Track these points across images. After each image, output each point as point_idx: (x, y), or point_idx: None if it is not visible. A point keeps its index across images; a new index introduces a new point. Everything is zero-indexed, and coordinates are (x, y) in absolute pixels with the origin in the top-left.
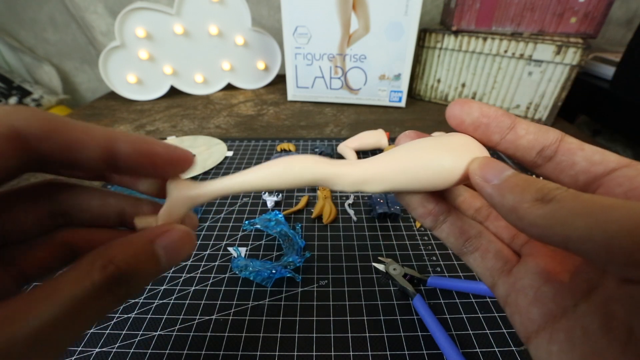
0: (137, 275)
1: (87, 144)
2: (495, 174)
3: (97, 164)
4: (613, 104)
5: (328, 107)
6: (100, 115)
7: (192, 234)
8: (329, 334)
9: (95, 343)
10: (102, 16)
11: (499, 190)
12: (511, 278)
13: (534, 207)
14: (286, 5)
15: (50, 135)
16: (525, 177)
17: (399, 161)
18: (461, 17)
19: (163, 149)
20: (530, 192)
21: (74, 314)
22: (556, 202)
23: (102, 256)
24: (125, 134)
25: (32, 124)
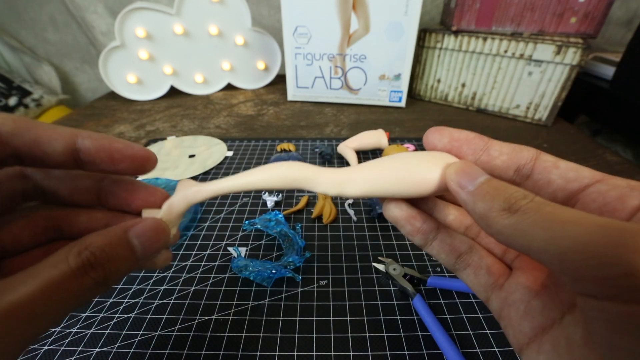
0: (111, 261)
1: (53, 138)
2: (470, 179)
3: (62, 157)
4: (613, 104)
5: (328, 107)
6: (100, 115)
7: (163, 224)
8: (329, 334)
9: (95, 343)
10: (102, 16)
11: (472, 197)
12: (503, 292)
13: (501, 217)
14: (286, 5)
15: (21, 131)
16: (497, 184)
17: (381, 166)
18: (461, 17)
19: (122, 145)
20: (498, 201)
21: (51, 292)
22: (521, 214)
23: (79, 244)
24: (89, 132)
25: (4, 123)
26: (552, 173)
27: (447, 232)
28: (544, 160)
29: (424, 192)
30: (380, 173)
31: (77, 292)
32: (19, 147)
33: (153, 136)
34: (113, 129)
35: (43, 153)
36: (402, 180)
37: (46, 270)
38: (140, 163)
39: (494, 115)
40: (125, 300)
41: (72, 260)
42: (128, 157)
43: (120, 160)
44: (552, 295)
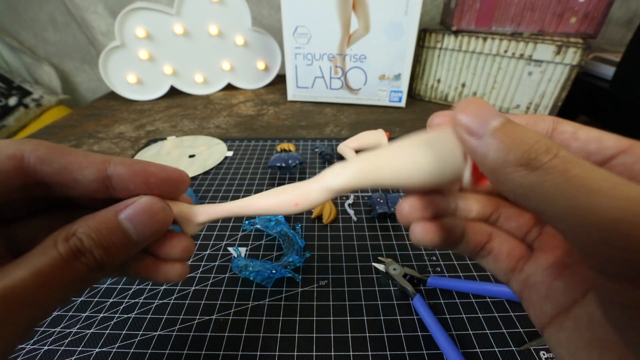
0: (101, 246)
1: (83, 166)
2: (481, 123)
3: (93, 185)
4: (613, 104)
5: (328, 107)
6: (100, 115)
7: (159, 204)
8: (329, 334)
9: (95, 343)
10: (102, 16)
11: (481, 147)
12: (523, 275)
13: (517, 174)
14: (286, 5)
15: (52, 158)
16: (515, 130)
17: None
18: (461, 17)
19: (157, 169)
20: (515, 153)
21: (43, 278)
22: (542, 173)
23: (66, 229)
24: (121, 158)
25: (36, 149)
26: (571, 146)
27: (469, 228)
28: (561, 131)
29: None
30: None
31: (71, 278)
32: (49, 175)
33: (153, 136)
34: (113, 129)
35: (73, 181)
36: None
37: (36, 257)
38: (174, 185)
39: None
40: (125, 300)
41: (61, 247)
42: (164, 180)
43: (156, 184)
44: (573, 275)
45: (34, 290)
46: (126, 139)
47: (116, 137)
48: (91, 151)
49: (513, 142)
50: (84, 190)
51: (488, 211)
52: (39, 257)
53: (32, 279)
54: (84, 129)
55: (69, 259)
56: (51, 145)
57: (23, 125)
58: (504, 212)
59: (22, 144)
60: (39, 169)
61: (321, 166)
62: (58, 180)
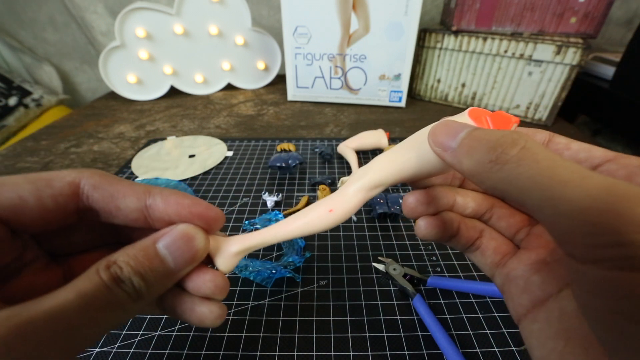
0: (139, 274)
1: (127, 194)
2: (451, 137)
3: (134, 213)
4: (613, 104)
5: (328, 107)
6: (100, 115)
7: (193, 231)
8: (329, 334)
9: (95, 343)
10: (102, 16)
11: (456, 157)
12: (506, 269)
13: (492, 171)
14: (286, 5)
15: (102, 185)
16: (480, 134)
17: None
18: (461, 17)
19: (190, 201)
20: (482, 152)
21: (86, 303)
22: (513, 166)
23: (108, 257)
24: (160, 188)
25: (92, 177)
26: (564, 155)
27: (463, 223)
28: (556, 142)
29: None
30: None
31: (112, 305)
32: (97, 201)
33: (153, 136)
34: (113, 129)
35: (116, 208)
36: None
37: (80, 282)
38: (207, 222)
39: None
40: None
41: (103, 274)
42: (196, 215)
43: (187, 217)
44: (551, 271)
45: (78, 313)
46: (126, 139)
47: (116, 137)
48: (91, 151)
49: (479, 143)
50: (125, 217)
51: (482, 209)
52: (83, 282)
53: (77, 301)
54: (84, 129)
55: (110, 286)
56: (104, 173)
57: (23, 125)
58: (497, 212)
59: (80, 173)
60: (91, 194)
61: (321, 166)
62: (104, 206)
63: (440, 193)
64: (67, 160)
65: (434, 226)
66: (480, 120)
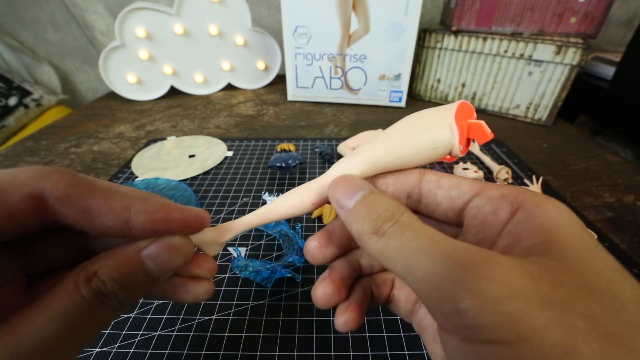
0: (125, 288)
1: (103, 212)
2: (348, 197)
3: (111, 231)
4: (613, 104)
5: (328, 107)
6: (100, 115)
7: (181, 241)
8: (329, 334)
9: (95, 343)
10: (102, 16)
11: (347, 219)
12: (417, 317)
13: (372, 240)
14: (286, 5)
15: (71, 200)
16: (372, 202)
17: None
18: (461, 17)
19: (180, 214)
20: (369, 223)
21: (67, 325)
22: (387, 238)
23: (87, 268)
24: (144, 201)
25: (57, 188)
26: (437, 195)
27: (376, 282)
28: (427, 181)
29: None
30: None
31: (95, 322)
32: (67, 217)
33: (153, 136)
34: (113, 129)
35: (90, 226)
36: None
37: (58, 301)
38: (195, 228)
39: (494, 115)
40: None
41: (84, 290)
42: (186, 225)
43: (178, 229)
44: None
45: (56, 337)
46: (126, 139)
47: (116, 137)
48: (91, 151)
49: (367, 212)
50: (101, 233)
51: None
52: (61, 300)
53: (56, 328)
54: (84, 129)
55: (92, 303)
56: (72, 182)
57: (23, 125)
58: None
59: (42, 180)
60: (58, 210)
61: (321, 166)
62: (76, 222)
63: (345, 268)
64: (67, 160)
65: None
66: (461, 127)
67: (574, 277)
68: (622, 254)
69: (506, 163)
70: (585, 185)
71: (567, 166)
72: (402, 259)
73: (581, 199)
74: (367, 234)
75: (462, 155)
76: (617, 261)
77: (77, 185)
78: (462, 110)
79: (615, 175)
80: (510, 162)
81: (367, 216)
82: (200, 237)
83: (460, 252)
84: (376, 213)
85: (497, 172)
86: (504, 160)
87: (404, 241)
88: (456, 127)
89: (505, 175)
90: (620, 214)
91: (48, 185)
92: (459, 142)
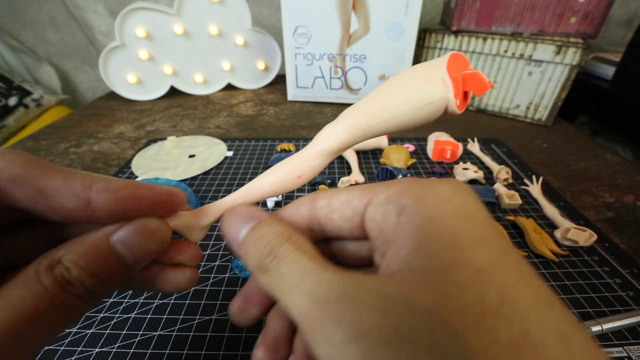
0: (93, 275)
1: (61, 193)
2: (237, 231)
3: (72, 213)
4: (613, 104)
5: (328, 107)
6: (100, 115)
7: (155, 223)
8: None
9: (95, 343)
10: (102, 16)
11: (241, 254)
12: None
13: (260, 277)
14: (286, 5)
15: (25, 180)
16: (255, 236)
17: (361, 106)
18: (461, 17)
19: (149, 192)
20: (254, 260)
21: (25, 318)
22: (270, 275)
23: (50, 255)
24: (107, 180)
25: (10, 168)
26: (334, 220)
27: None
28: (319, 207)
29: (430, 114)
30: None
31: (59, 312)
32: (21, 200)
33: (153, 136)
34: (113, 129)
35: (49, 208)
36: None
37: (16, 293)
38: (169, 208)
39: (493, 115)
40: (125, 300)
41: (45, 278)
42: (157, 204)
43: (149, 208)
44: None
45: (17, 334)
46: (126, 139)
47: (116, 137)
48: (91, 151)
49: (254, 247)
50: (63, 217)
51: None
52: (19, 291)
53: (14, 321)
54: (84, 129)
55: (55, 292)
56: (26, 162)
57: (23, 125)
58: None
59: None
60: (10, 192)
61: None
62: (32, 205)
63: (278, 312)
64: (67, 160)
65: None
66: (456, 80)
67: (429, 297)
68: (622, 254)
69: (506, 163)
70: (585, 185)
71: (567, 166)
72: (282, 297)
73: (581, 199)
74: (256, 271)
75: (460, 111)
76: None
77: (32, 166)
78: (454, 62)
79: (615, 175)
80: (510, 162)
81: (252, 252)
82: (178, 220)
83: (322, 288)
84: (259, 248)
85: (497, 172)
86: (504, 160)
87: (279, 277)
88: (450, 79)
89: (505, 175)
90: (620, 214)
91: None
92: (454, 96)
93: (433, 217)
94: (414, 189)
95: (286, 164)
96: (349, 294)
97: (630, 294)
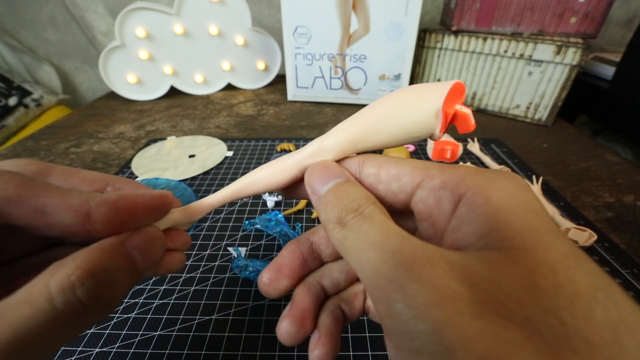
0: (111, 283)
1: (59, 209)
2: (322, 183)
3: (71, 228)
4: (613, 104)
5: (328, 107)
6: (100, 115)
7: (156, 234)
8: None
9: (95, 343)
10: (102, 16)
11: (318, 206)
12: None
13: (335, 230)
14: (286, 5)
15: (22, 200)
16: (342, 191)
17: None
18: (461, 17)
19: (142, 199)
20: (335, 212)
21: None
22: (348, 230)
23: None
24: (103, 196)
25: (6, 189)
26: (378, 190)
27: (346, 301)
28: (367, 174)
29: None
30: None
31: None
32: (18, 218)
33: (153, 136)
34: (113, 129)
35: (48, 225)
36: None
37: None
38: (162, 209)
39: (493, 115)
40: (125, 300)
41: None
42: (153, 209)
43: (144, 216)
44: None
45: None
46: (126, 139)
47: (116, 137)
48: (91, 151)
49: (336, 201)
50: (60, 232)
51: (352, 277)
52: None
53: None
54: (84, 129)
55: (70, 313)
56: (22, 182)
57: (23, 125)
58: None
59: None
60: (6, 211)
61: None
62: (29, 223)
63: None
64: (67, 160)
65: (332, 351)
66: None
67: (516, 273)
68: (622, 254)
69: (506, 163)
70: (585, 185)
71: (567, 166)
72: (356, 252)
73: (581, 199)
74: (331, 223)
75: (439, 138)
76: (572, 243)
77: (28, 185)
78: (453, 93)
79: (615, 175)
80: (510, 162)
81: (335, 205)
82: (170, 218)
83: (406, 249)
84: (343, 203)
85: None
86: (504, 160)
87: (360, 234)
88: (442, 114)
89: None
90: (620, 214)
91: None
92: (440, 131)
93: (501, 209)
94: (474, 180)
95: (278, 164)
96: (433, 261)
97: (630, 294)
